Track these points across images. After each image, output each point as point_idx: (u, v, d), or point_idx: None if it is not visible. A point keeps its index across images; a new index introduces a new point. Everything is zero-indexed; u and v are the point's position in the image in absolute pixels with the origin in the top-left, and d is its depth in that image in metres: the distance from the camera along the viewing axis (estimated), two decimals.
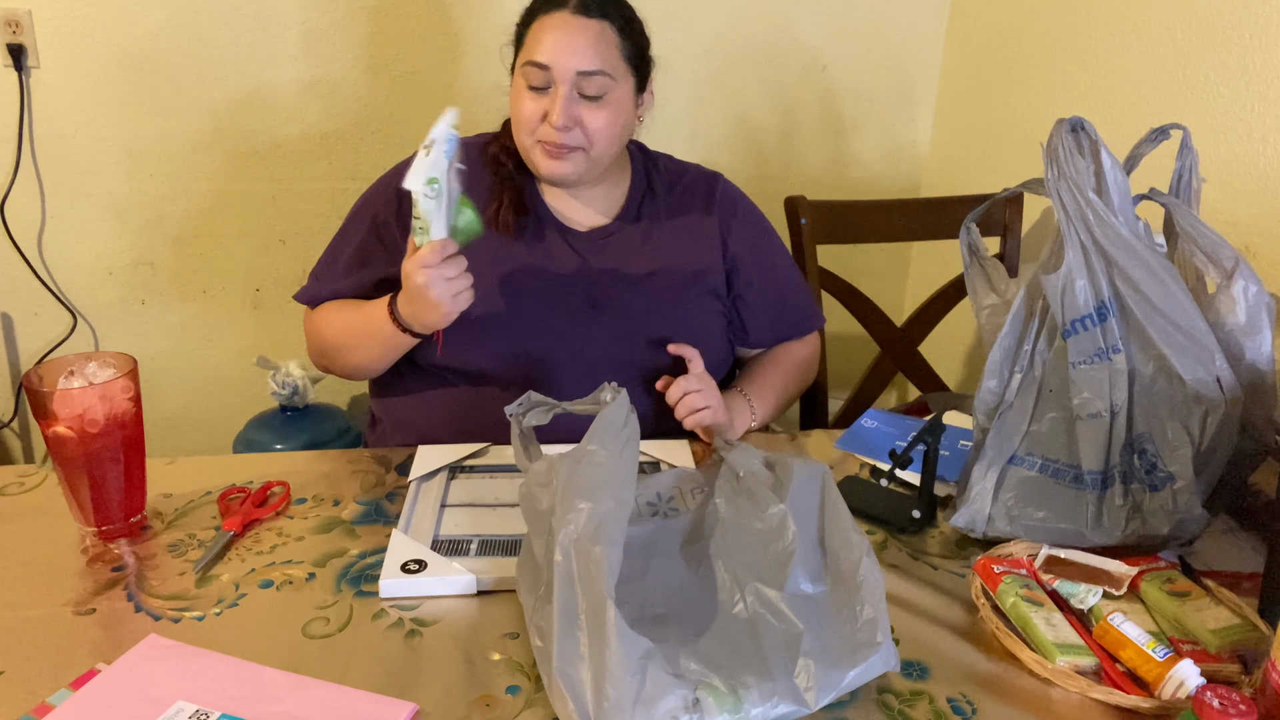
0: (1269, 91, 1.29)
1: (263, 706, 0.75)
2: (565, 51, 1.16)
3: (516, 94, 1.21)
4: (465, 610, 0.88)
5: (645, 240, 1.29)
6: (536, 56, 1.17)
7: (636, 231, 1.29)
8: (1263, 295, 0.93)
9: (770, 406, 1.31)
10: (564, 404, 0.96)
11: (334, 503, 1.06)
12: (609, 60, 1.18)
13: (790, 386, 1.37)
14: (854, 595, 0.78)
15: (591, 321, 1.23)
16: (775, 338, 1.38)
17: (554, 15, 1.18)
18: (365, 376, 1.30)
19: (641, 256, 1.28)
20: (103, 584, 0.91)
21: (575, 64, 1.16)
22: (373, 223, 1.27)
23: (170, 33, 1.85)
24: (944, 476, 1.10)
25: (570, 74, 1.16)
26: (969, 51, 2.06)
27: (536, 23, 1.19)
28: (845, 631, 0.76)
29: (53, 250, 1.95)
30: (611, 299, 1.25)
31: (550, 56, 1.16)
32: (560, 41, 1.16)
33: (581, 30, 1.17)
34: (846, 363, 1.95)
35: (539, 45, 1.17)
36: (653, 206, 1.31)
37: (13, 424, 2.05)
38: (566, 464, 0.81)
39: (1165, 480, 0.93)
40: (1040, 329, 0.97)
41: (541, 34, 1.17)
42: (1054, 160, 0.92)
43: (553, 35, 1.16)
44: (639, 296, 1.25)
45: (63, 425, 0.93)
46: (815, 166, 2.20)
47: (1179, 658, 0.76)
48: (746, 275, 1.33)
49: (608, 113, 1.19)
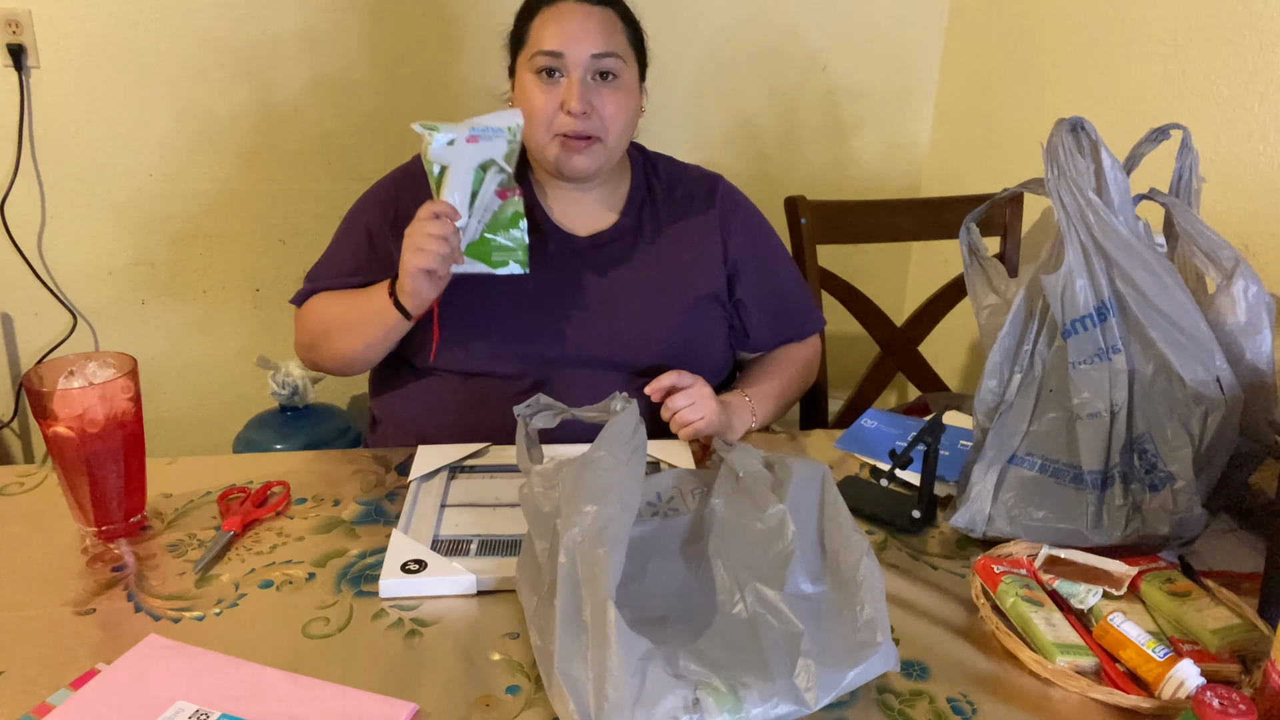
0: (1269, 91, 1.29)
1: (263, 706, 0.75)
2: (576, 36, 1.16)
3: (526, 89, 1.19)
4: (465, 610, 0.88)
5: (645, 244, 1.28)
6: (547, 45, 1.16)
7: (636, 236, 1.28)
8: (1263, 295, 0.93)
9: (771, 408, 1.30)
10: (574, 410, 0.96)
11: (334, 503, 1.06)
12: (618, 43, 1.19)
13: (791, 388, 1.36)
14: (854, 595, 0.78)
15: (591, 327, 1.23)
16: (776, 340, 1.38)
17: (559, 6, 1.18)
18: (352, 368, 1.26)
19: (641, 261, 1.27)
20: (103, 584, 0.91)
21: (588, 47, 1.16)
22: (367, 232, 1.27)
23: (170, 33, 1.85)
24: (944, 476, 1.10)
25: (584, 57, 1.16)
26: (969, 51, 2.06)
27: (540, 15, 1.19)
28: (845, 631, 0.76)
29: (53, 250, 1.95)
30: (610, 305, 1.24)
31: (562, 43, 1.16)
32: (570, 27, 1.16)
33: (589, 15, 1.18)
34: (846, 363, 1.95)
35: (547, 34, 1.17)
36: (652, 210, 1.31)
37: (13, 424, 2.05)
38: (574, 468, 0.81)
39: (1165, 480, 0.93)
40: (1040, 329, 0.97)
41: (549, 23, 1.18)
42: (1054, 160, 0.92)
43: (561, 23, 1.17)
44: (637, 301, 1.25)
45: (63, 425, 0.93)
46: (815, 166, 2.20)
47: (1179, 658, 0.76)
48: (747, 278, 1.33)
49: (621, 95, 1.20)
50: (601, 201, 1.29)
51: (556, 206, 1.28)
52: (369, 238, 1.26)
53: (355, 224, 1.29)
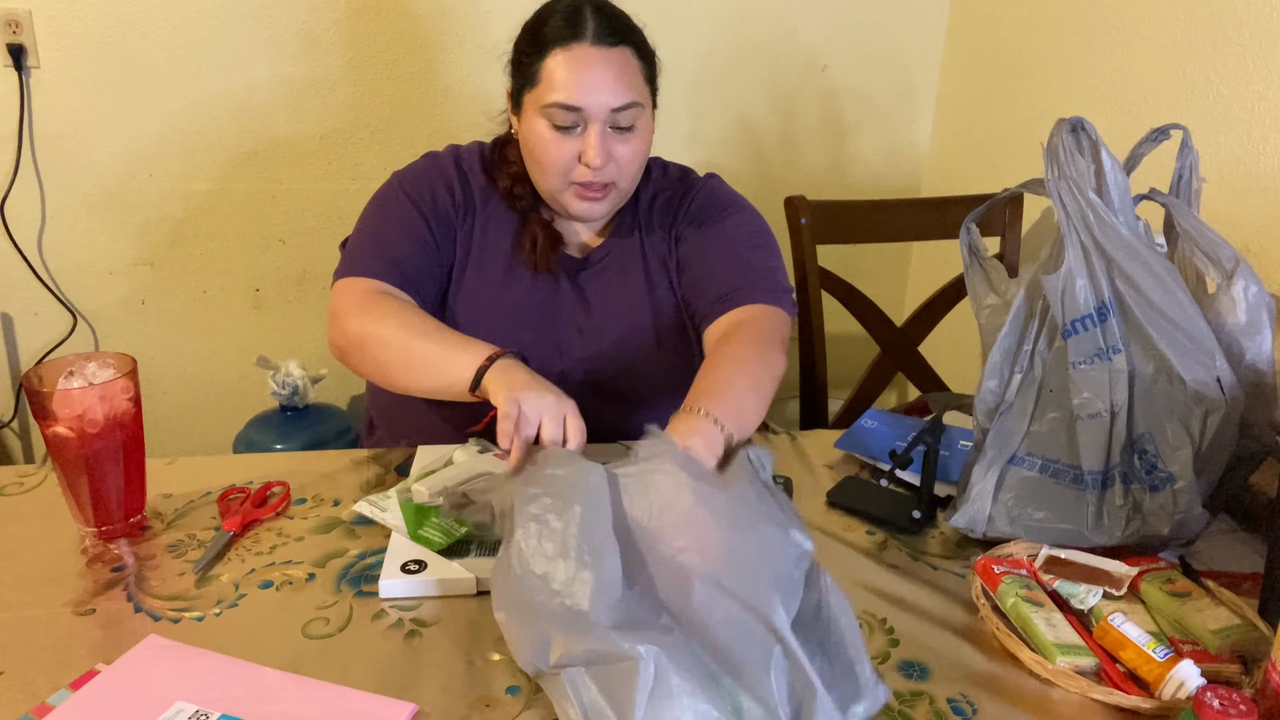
0: (1269, 91, 1.29)
1: (263, 706, 0.75)
2: (596, 90, 1.08)
3: (539, 136, 1.11)
4: (465, 610, 0.88)
5: (630, 259, 1.26)
6: (563, 99, 1.08)
7: (623, 251, 1.26)
8: (1263, 295, 0.93)
9: (740, 407, 0.99)
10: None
11: (334, 503, 1.06)
12: (637, 88, 1.11)
13: (756, 372, 1.06)
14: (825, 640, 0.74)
15: (579, 347, 1.22)
16: (715, 299, 1.18)
17: (574, 49, 1.08)
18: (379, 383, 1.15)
19: (626, 276, 1.25)
20: (102, 584, 0.91)
21: (608, 102, 1.08)
22: (411, 203, 1.18)
23: (170, 33, 1.85)
24: (944, 476, 1.10)
25: (604, 112, 1.09)
26: (969, 51, 2.06)
27: (552, 57, 1.09)
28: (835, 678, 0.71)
29: (53, 250, 1.95)
30: (596, 324, 1.23)
31: (580, 97, 1.08)
32: (589, 80, 1.08)
33: (607, 63, 1.09)
34: (846, 363, 1.95)
35: (562, 84, 1.08)
36: (640, 222, 1.27)
37: (13, 424, 2.05)
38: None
39: (1165, 480, 0.93)
40: (1040, 329, 0.97)
41: (563, 71, 1.08)
42: (1054, 160, 0.92)
43: (578, 72, 1.08)
44: (622, 321, 1.24)
45: (62, 425, 0.93)
46: (815, 166, 2.20)
47: (1179, 658, 0.76)
48: (689, 253, 1.23)
49: (638, 141, 1.14)
50: (594, 224, 1.26)
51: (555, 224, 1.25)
52: (416, 209, 1.18)
53: (396, 199, 1.20)
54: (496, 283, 1.21)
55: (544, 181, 1.15)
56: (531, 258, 1.20)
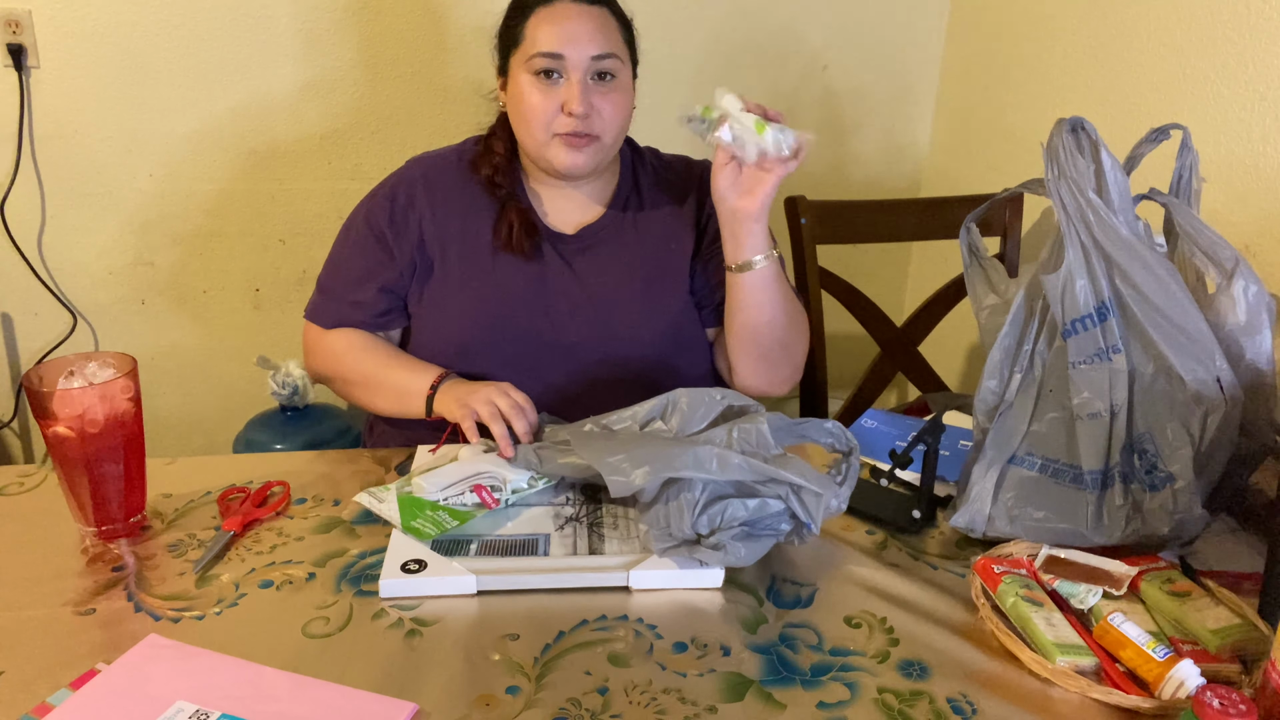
0: (1269, 91, 1.29)
1: (263, 706, 0.75)
2: (577, 38, 1.16)
3: (522, 90, 1.18)
4: (465, 610, 0.88)
5: (631, 237, 1.29)
6: (546, 47, 1.16)
7: (621, 228, 1.29)
8: (1263, 295, 0.93)
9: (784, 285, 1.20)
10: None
11: (334, 503, 1.06)
12: (615, 43, 1.19)
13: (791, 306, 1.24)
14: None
15: (581, 323, 1.24)
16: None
17: (555, 6, 1.17)
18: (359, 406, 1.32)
19: (628, 254, 1.28)
20: (103, 584, 0.91)
21: (588, 49, 1.16)
22: (370, 232, 1.26)
23: (170, 33, 1.85)
24: (944, 476, 1.10)
25: (585, 59, 1.16)
26: (969, 51, 2.06)
27: (535, 15, 1.18)
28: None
29: (53, 250, 1.95)
30: (599, 300, 1.25)
31: (561, 44, 1.15)
32: (569, 29, 1.16)
33: (587, 16, 1.17)
34: (846, 363, 1.95)
35: (545, 36, 1.16)
36: (638, 202, 1.31)
37: (13, 424, 2.05)
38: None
39: (1165, 480, 0.93)
40: (1040, 329, 0.97)
41: (545, 24, 1.17)
42: (1054, 160, 0.92)
43: (559, 24, 1.16)
44: (626, 295, 1.26)
45: (63, 425, 0.93)
46: (815, 166, 2.20)
47: (1179, 658, 0.76)
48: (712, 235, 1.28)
49: (618, 95, 1.20)
50: (590, 196, 1.29)
51: (545, 204, 1.28)
52: (376, 239, 1.26)
53: (359, 229, 1.28)
54: (484, 267, 1.24)
55: (530, 137, 1.20)
56: (509, 242, 1.24)
